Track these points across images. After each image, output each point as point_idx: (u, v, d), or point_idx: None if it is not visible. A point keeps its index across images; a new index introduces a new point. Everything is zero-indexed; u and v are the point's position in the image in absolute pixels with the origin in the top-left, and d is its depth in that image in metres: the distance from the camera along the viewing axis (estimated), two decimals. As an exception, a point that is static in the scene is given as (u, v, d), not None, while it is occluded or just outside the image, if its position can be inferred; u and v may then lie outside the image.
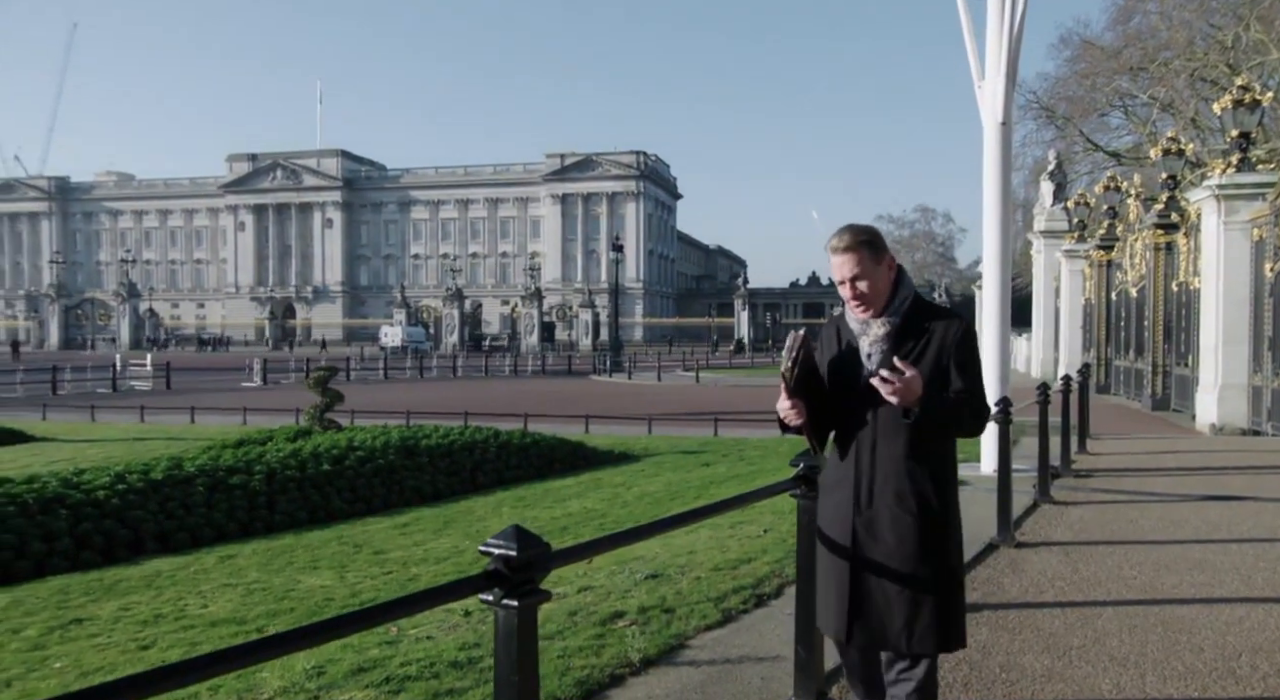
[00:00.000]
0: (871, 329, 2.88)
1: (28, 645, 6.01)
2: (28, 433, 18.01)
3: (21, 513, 8.37)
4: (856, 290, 2.86)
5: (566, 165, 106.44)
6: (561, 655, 4.27)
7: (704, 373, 40.31)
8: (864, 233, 2.91)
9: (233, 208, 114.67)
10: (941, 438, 2.90)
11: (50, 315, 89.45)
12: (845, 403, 2.90)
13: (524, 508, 10.77)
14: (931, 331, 2.85)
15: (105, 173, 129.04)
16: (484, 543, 2.13)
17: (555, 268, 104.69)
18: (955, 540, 2.92)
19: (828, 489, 3.02)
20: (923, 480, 2.82)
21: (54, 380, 32.21)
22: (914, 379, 2.69)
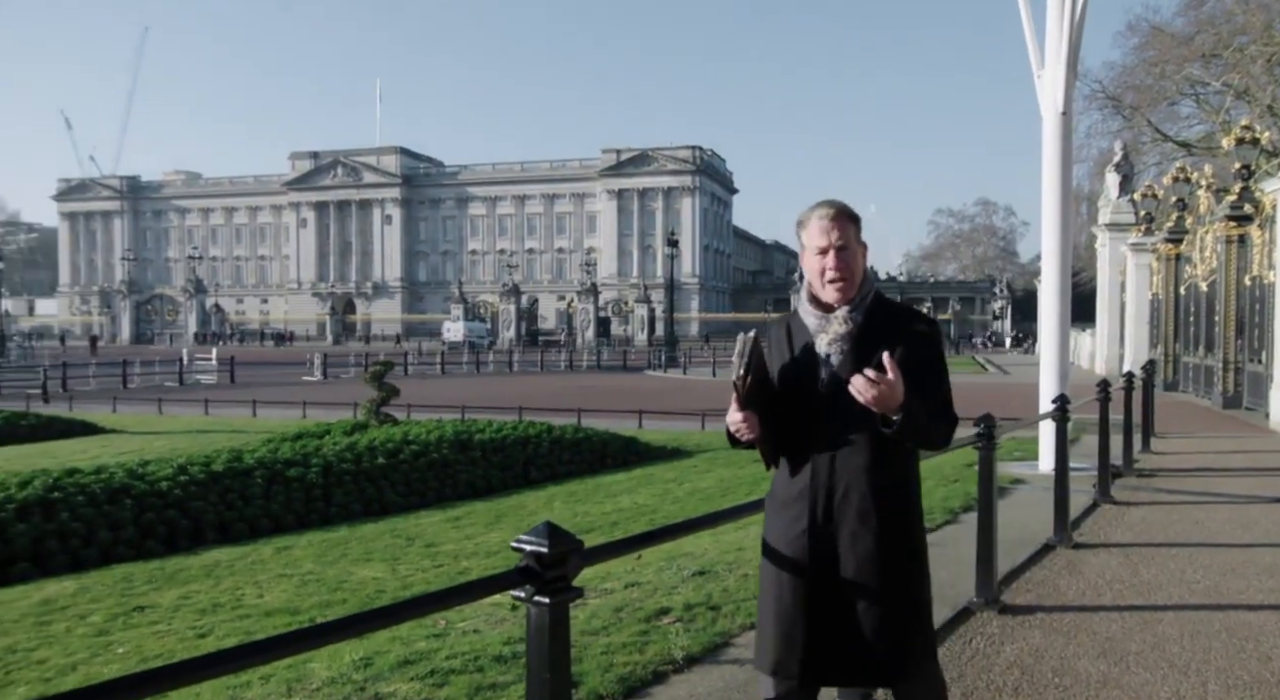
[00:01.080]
0: (831, 326, 2.56)
1: (93, 631, 6.18)
2: (98, 425, 18.57)
3: (90, 502, 8.62)
4: (841, 261, 2.54)
5: (622, 161, 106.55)
6: (605, 651, 4.26)
7: (759, 368, 40.00)
8: (852, 209, 2.64)
9: (295, 205, 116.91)
10: (907, 449, 2.58)
11: (122, 311, 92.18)
12: (800, 410, 2.54)
13: (575, 502, 10.81)
14: (897, 331, 2.54)
15: (174, 172, 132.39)
16: (516, 539, 2.13)
17: (611, 263, 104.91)
18: (921, 561, 2.61)
19: (778, 507, 2.63)
20: (887, 495, 2.51)
21: (124, 374, 33.15)
22: (897, 383, 2.37)
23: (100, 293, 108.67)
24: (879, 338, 2.50)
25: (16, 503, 8.27)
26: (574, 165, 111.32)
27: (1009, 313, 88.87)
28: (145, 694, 1.65)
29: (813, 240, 2.58)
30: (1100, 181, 36.79)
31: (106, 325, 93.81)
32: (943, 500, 8.08)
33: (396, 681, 4.05)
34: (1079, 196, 46.30)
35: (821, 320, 2.57)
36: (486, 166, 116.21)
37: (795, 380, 2.57)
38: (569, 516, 9.80)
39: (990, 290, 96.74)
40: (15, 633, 6.23)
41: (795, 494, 2.57)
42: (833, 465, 2.52)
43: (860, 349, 2.50)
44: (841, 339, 2.54)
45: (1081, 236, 45.20)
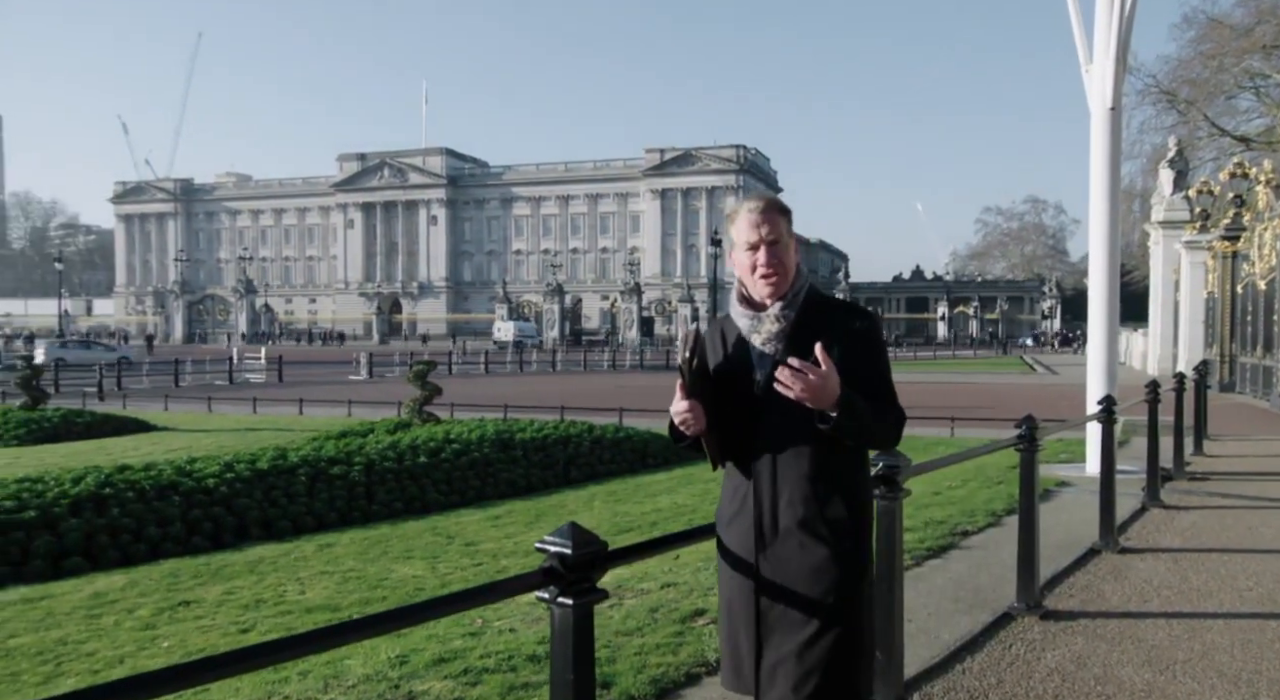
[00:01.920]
0: (763, 325, 2.42)
1: (140, 624, 6.30)
2: (150, 422, 18.96)
3: (139, 499, 8.80)
4: (773, 256, 2.41)
5: (666, 160, 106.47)
6: (639, 652, 4.25)
7: (802, 368, 39.74)
8: (782, 202, 2.52)
9: (343, 206, 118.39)
10: (854, 451, 2.42)
11: (175, 310, 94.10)
12: (738, 416, 2.40)
13: (615, 502, 10.81)
14: (834, 327, 2.39)
15: (225, 174, 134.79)
16: (540, 540, 2.12)
17: (655, 263, 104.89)
18: (868, 578, 2.43)
19: (726, 521, 2.48)
20: (834, 504, 2.34)
21: (176, 373, 33.82)
22: (830, 374, 2.22)
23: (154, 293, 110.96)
24: (814, 334, 2.35)
25: (70, 498, 8.46)
26: (618, 165, 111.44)
27: (1058, 312, 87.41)
28: (185, 686, 1.72)
29: (742, 235, 2.45)
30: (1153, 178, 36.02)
31: (160, 325, 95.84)
32: (985, 502, 7.96)
33: (431, 680, 4.07)
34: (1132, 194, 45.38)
35: (754, 319, 2.43)
36: (531, 167, 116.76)
37: (731, 383, 2.43)
38: (608, 516, 9.80)
39: (1039, 289, 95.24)
40: (67, 625, 6.37)
41: (739, 504, 2.43)
42: (774, 472, 2.36)
43: (795, 347, 2.36)
44: (775, 337, 2.40)
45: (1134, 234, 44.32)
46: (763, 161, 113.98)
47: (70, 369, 34.88)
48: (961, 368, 43.74)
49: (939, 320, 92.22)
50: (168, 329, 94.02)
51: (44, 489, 8.63)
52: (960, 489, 8.97)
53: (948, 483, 9.21)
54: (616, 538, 8.13)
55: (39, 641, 5.97)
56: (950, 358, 57.66)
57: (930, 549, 6.40)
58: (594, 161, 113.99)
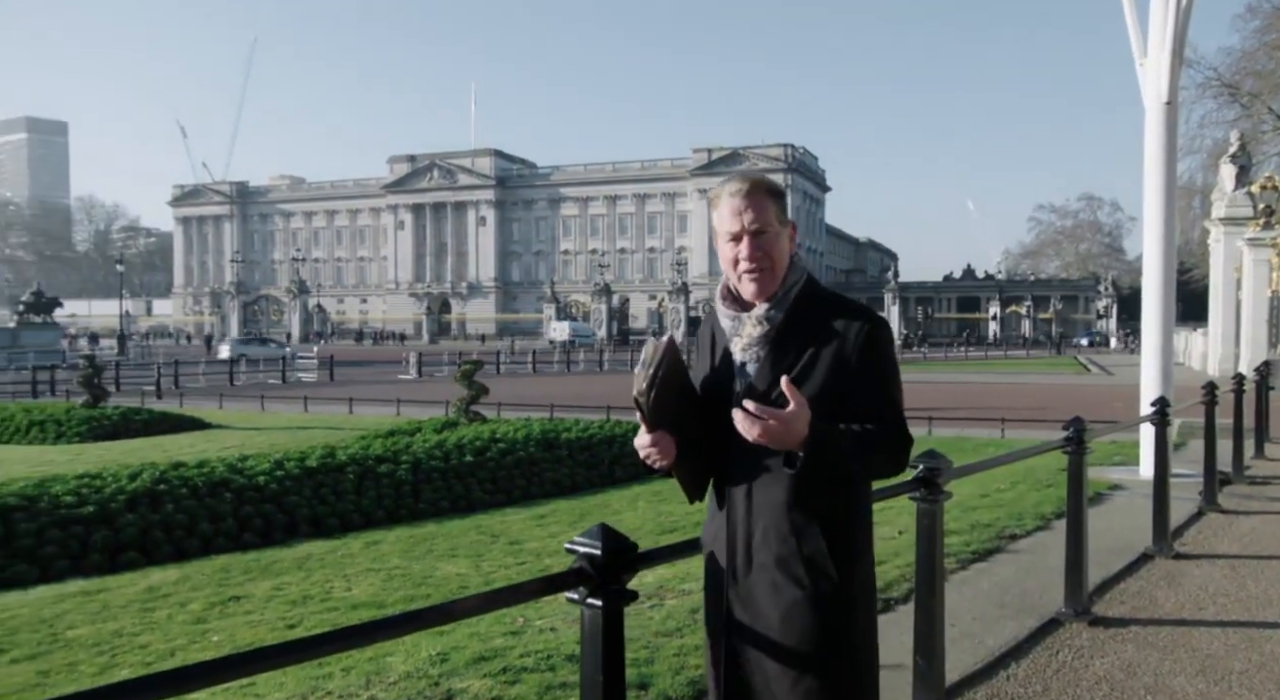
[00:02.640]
0: (745, 327, 2.10)
1: (191, 618, 6.43)
2: (205, 420, 19.36)
3: (192, 495, 8.98)
4: (758, 248, 2.07)
5: (713, 160, 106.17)
6: (678, 653, 4.24)
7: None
8: (771, 182, 2.18)
9: (393, 207, 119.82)
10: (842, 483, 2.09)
11: (231, 311, 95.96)
12: (719, 431, 2.06)
13: (659, 502, 10.79)
14: (828, 332, 2.04)
15: (279, 176, 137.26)
16: (570, 541, 2.12)
17: (702, 262, 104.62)
18: (863, 619, 2.10)
19: (707, 544, 2.23)
20: (813, 539, 2.02)
21: (231, 371, 34.49)
22: (794, 416, 1.90)
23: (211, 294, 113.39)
24: (803, 341, 2.04)
25: (126, 494, 8.66)
26: (665, 165, 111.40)
27: (1114, 311, 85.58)
28: (231, 678, 1.79)
29: (724, 223, 2.11)
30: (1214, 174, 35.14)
31: (216, 325, 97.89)
32: (1034, 505, 7.82)
33: (470, 678, 4.10)
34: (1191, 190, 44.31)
35: (735, 321, 2.12)
36: (578, 167, 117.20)
37: (712, 395, 2.13)
38: (652, 516, 9.80)
39: (1094, 288, 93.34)
40: (122, 618, 6.52)
41: (715, 534, 2.17)
42: (749, 500, 2.07)
43: (779, 356, 2.05)
44: (756, 343, 2.08)
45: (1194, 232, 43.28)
46: (810, 160, 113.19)
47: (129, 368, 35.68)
48: (1013, 368, 43.02)
49: (990, 320, 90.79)
50: (224, 329, 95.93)
51: (102, 485, 8.84)
52: (1009, 491, 8.82)
53: (996, 485, 9.06)
54: (660, 538, 8.12)
55: (95, 633, 6.12)
56: (1002, 358, 56.74)
57: (976, 552, 6.31)
58: (641, 161, 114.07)
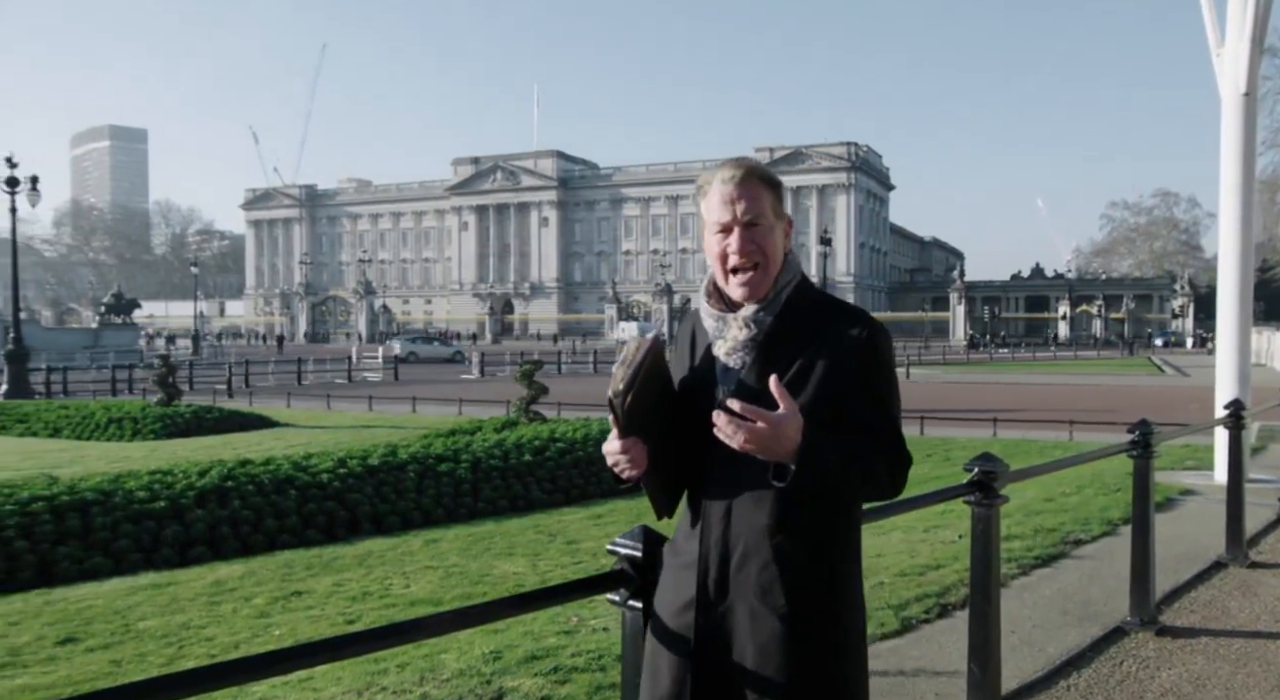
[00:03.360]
0: (729, 330, 1.91)
1: (255, 612, 6.57)
2: (273, 419, 19.81)
3: (259, 492, 9.19)
4: (750, 242, 1.88)
5: (775, 159, 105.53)
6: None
7: (916, 368, 38.90)
8: (768, 170, 1.97)
9: (457, 209, 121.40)
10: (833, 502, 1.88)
11: (300, 311, 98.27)
12: (697, 442, 1.88)
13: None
14: (823, 338, 1.86)
15: (347, 179, 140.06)
16: (611, 542, 2.12)
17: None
18: (854, 657, 1.88)
19: (669, 570, 1.99)
20: (799, 564, 1.82)
21: (299, 371, 35.25)
22: (784, 420, 1.70)
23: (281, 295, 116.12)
24: (795, 347, 1.86)
25: (196, 490, 8.90)
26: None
27: (1190, 311, 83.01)
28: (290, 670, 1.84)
29: (713, 213, 1.93)
30: (1298, 168, 33.86)
31: (286, 325, 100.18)
32: (1101, 510, 7.61)
33: (522, 676, 4.12)
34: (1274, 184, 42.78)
35: (720, 322, 1.93)
36: (640, 168, 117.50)
37: (691, 401, 1.92)
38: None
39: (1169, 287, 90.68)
40: (190, 610, 6.70)
41: (685, 558, 1.93)
42: (728, 520, 1.86)
43: (767, 362, 1.85)
44: (742, 347, 1.89)
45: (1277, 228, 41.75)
46: (874, 159, 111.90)
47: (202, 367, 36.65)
48: (1083, 369, 41.98)
49: (1060, 320, 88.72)
50: (293, 329, 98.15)
51: (173, 481, 9.10)
52: (1074, 495, 8.60)
53: (1061, 489, 8.85)
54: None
55: (164, 625, 6.30)
56: (1071, 358, 55.40)
57: (1039, 558, 6.16)
58: (703, 161, 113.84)
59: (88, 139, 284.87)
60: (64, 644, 5.78)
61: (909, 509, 3.53)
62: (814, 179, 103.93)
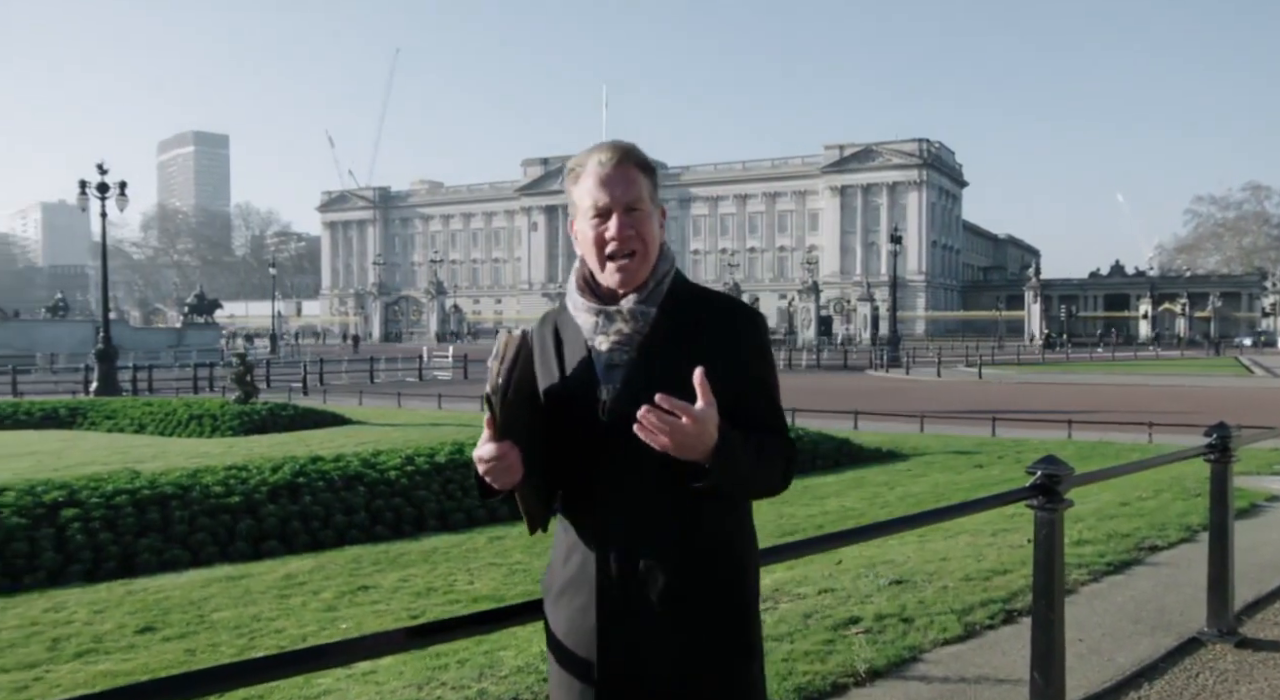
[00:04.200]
0: (613, 325, 1.78)
1: (323, 606, 6.72)
2: (346, 416, 20.24)
3: (328, 488, 9.40)
4: (629, 227, 1.78)
5: (845, 157, 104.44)
6: (786, 659, 4.18)
7: (988, 368, 38.14)
8: (644, 156, 1.88)
9: (526, 209, 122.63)
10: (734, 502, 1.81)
11: (373, 311, 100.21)
12: (576, 450, 1.77)
13: (781, 504, 10.66)
14: (708, 329, 1.78)
15: (418, 181, 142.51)
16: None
17: (833, 261, 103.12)
18: (759, 664, 1.82)
19: (555, 593, 1.85)
20: (713, 566, 1.75)
21: (371, 370, 35.98)
22: (709, 414, 1.60)
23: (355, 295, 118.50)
24: (682, 340, 1.76)
25: (269, 486, 9.14)
26: (796, 163, 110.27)
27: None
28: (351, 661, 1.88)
29: (588, 197, 1.81)
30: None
31: (360, 325, 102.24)
32: (1179, 516, 7.37)
33: (578, 674, 4.14)
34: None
35: (600, 316, 1.80)
36: (708, 167, 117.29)
37: (567, 406, 1.79)
38: (773, 518, 9.70)
39: (1260, 285, 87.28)
40: (261, 603, 6.88)
41: (577, 573, 1.78)
42: (627, 530, 1.73)
43: (654, 358, 1.75)
44: (627, 343, 1.77)
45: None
46: (947, 155, 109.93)
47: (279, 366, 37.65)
48: (1166, 369, 40.65)
49: (1141, 319, 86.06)
50: (367, 328, 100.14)
51: (247, 476, 9.35)
52: (1152, 500, 8.34)
53: (1137, 493, 8.58)
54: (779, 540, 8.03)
55: (237, 616, 6.48)
56: (1153, 358, 53.71)
57: (1111, 564, 5.98)
58: (771, 160, 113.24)
59: (173, 145, 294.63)
60: (143, 633, 5.98)
61: (968, 512, 3.46)
62: (884, 176, 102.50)
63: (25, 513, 7.81)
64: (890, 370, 40.58)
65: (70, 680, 5.02)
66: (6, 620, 6.31)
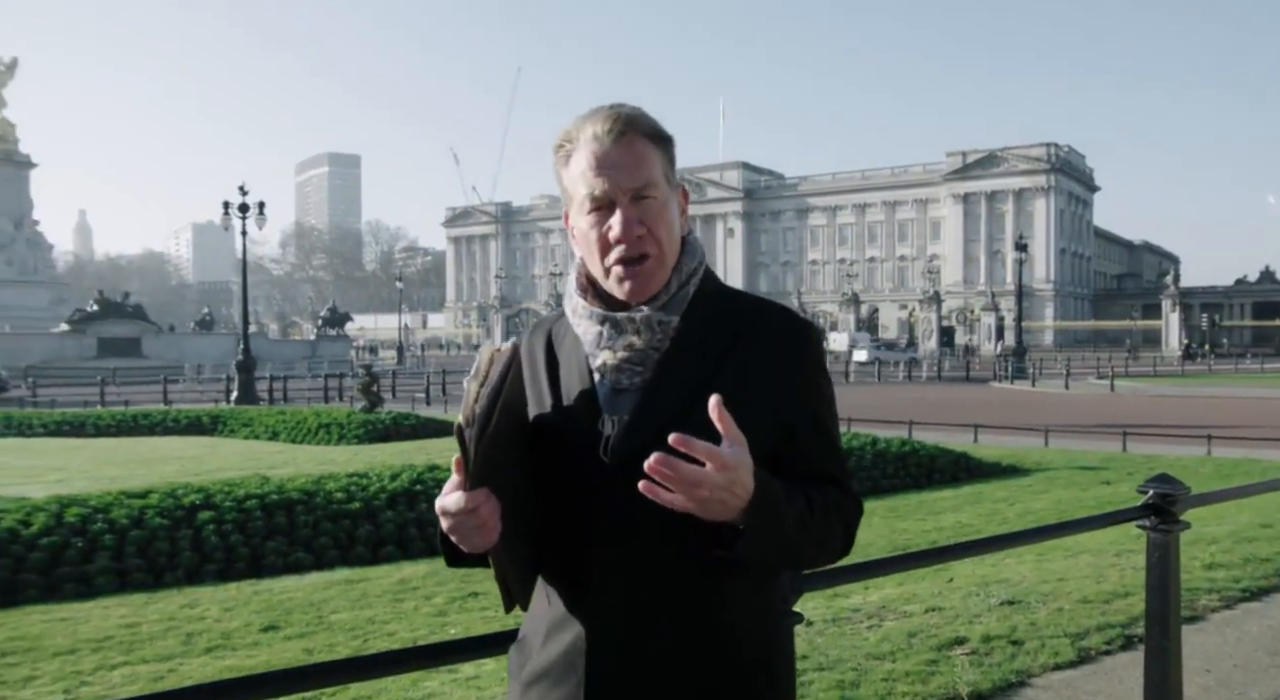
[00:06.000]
0: (620, 340, 1.38)
1: (435, 611, 6.92)
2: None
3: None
4: (637, 228, 1.36)
5: (968, 163, 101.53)
6: (886, 679, 4.09)
7: (1121, 380, 36.39)
8: (655, 123, 1.42)
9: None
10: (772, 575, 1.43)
11: (495, 323, 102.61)
12: (569, 497, 1.37)
13: (895, 518, 10.44)
14: (747, 347, 1.38)
15: (539, 196, 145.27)
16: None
17: (956, 270, 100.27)
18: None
19: (529, 679, 1.40)
20: (733, 661, 1.34)
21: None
22: (737, 458, 1.18)
23: (478, 307, 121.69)
24: (711, 359, 1.37)
25: (387, 493, 9.47)
26: (917, 170, 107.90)
27: None
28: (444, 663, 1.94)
29: (583, 183, 1.38)
30: None
31: (483, 337, 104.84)
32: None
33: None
34: None
35: (605, 326, 1.39)
36: (826, 176, 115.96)
37: (559, 441, 1.38)
38: (885, 532, 9.50)
39: None
40: (376, 606, 7.13)
41: (560, 658, 1.36)
42: (631, 607, 1.32)
43: (674, 382, 1.36)
44: (640, 361, 1.37)
45: None
46: (1077, 159, 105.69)
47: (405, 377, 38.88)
48: (1323, 383, 37.95)
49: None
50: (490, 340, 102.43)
51: (368, 483, 9.70)
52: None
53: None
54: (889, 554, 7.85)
55: (353, 618, 6.73)
56: (1309, 371, 50.22)
57: (1246, 590, 5.63)
58: (891, 168, 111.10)
59: (309, 166, 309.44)
60: (267, 631, 6.28)
61: (1072, 531, 3.32)
62: (1010, 183, 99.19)
63: (166, 514, 8.32)
64: (1015, 382, 39.14)
65: (200, 673, 5.31)
66: (148, 615, 6.73)
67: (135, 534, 7.97)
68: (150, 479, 10.98)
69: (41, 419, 21.25)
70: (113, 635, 6.12)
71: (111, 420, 21.27)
